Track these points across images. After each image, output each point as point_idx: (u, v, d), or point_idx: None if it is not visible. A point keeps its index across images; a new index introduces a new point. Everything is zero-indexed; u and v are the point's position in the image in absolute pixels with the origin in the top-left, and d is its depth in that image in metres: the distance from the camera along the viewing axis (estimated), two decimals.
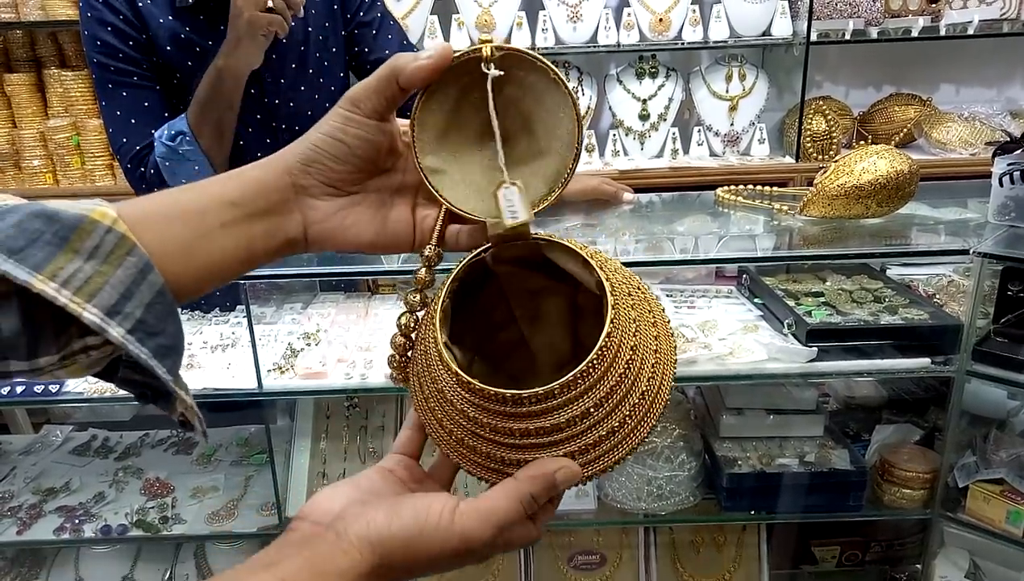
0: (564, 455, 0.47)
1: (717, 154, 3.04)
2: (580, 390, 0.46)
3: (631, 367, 0.48)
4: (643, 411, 0.49)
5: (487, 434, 0.48)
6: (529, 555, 1.62)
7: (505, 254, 0.54)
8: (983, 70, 3.11)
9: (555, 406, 0.46)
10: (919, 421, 1.62)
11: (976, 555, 1.51)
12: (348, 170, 0.53)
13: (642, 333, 0.50)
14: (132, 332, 0.42)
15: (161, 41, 1.42)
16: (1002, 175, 1.36)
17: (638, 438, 0.49)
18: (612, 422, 0.47)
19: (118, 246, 0.43)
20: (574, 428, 0.47)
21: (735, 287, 1.71)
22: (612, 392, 0.47)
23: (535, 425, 0.47)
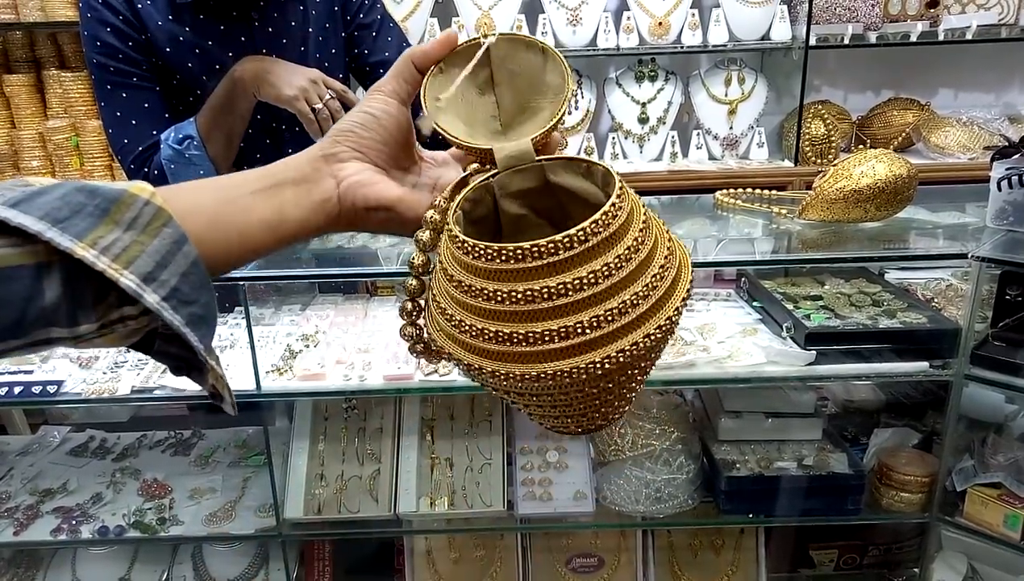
0: (571, 327, 0.46)
1: (716, 157, 3.05)
2: (586, 247, 0.45)
3: (642, 242, 0.48)
4: (655, 297, 0.48)
5: (494, 304, 0.47)
6: (527, 557, 1.62)
7: (512, 186, 0.56)
8: (981, 75, 3.12)
9: (561, 262, 0.45)
10: (917, 425, 1.62)
11: (974, 559, 1.51)
12: (374, 140, 0.57)
13: (653, 224, 0.51)
14: (167, 299, 0.44)
15: (160, 42, 1.42)
16: (1000, 179, 1.36)
17: (649, 328, 0.47)
18: (620, 298, 0.46)
19: (155, 218, 0.45)
20: (579, 293, 0.46)
21: (734, 290, 1.71)
22: (619, 262, 0.46)
23: (540, 284, 0.45)
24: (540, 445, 1.57)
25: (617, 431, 1.51)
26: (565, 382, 0.47)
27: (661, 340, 0.49)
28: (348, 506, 1.51)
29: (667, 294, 0.49)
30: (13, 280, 0.41)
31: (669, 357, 1.37)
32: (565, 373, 0.47)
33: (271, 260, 1.33)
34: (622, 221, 0.47)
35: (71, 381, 1.41)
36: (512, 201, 0.56)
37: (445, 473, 1.53)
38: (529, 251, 0.45)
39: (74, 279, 0.43)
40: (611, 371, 0.47)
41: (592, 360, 0.46)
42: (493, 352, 0.48)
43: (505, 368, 0.48)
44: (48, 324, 0.43)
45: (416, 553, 1.62)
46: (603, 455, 1.53)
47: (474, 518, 1.53)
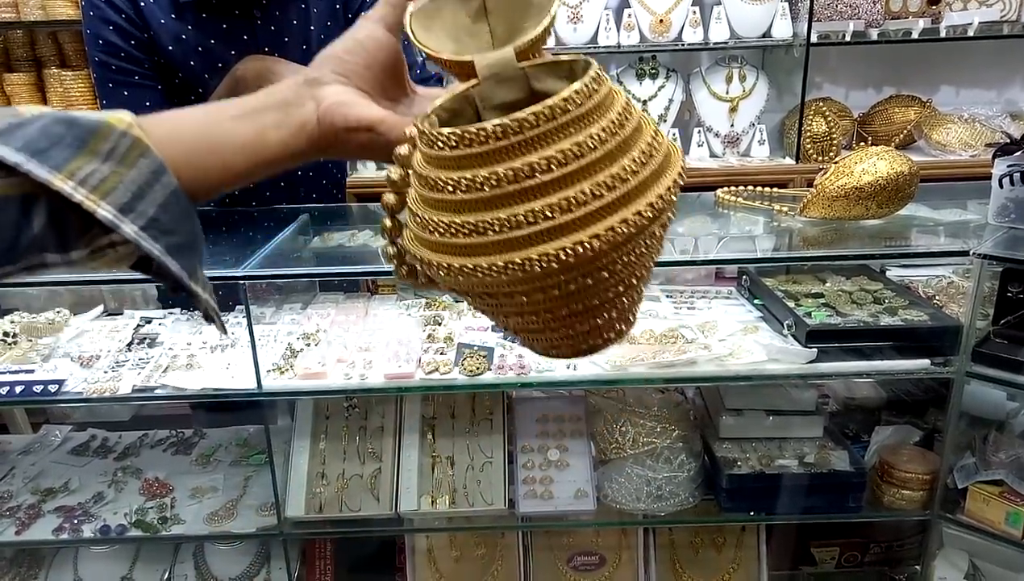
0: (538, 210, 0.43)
1: (717, 155, 3.04)
2: (554, 125, 0.43)
3: (620, 126, 0.46)
4: (635, 181, 0.45)
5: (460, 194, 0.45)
6: (528, 556, 1.62)
7: (495, 98, 0.53)
8: (983, 72, 3.11)
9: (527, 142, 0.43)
10: (918, 422, 1.62)
11: (975, 556, 1.51)
12: (359, 64, 0.56)
13: (639, 116, 0.49)
14: (145, 229, 0.45)
15: (163, 40, 1.42)
16: (1002, 177, 1.36)
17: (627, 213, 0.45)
18: (594, 180, 0.44)
19: (132, 148, 0.46)
20: (548, 174, 0.43)
21: (735, 288, 1.71)
22: (593, 142, 0.44)
23: (505, 166, 0.43)
24: (541, 443, 1.57)
25: (618, 429, 1.51)
26: (536, 273, 0.44)
27: (643, 229, 0.46)
28: (349, 505, 1.51)
29: (650, 180, 0.46)
30: (2, 211, 0.42)
31: (670, 355, 1.37)
32: (534, 261, 0.44)
33: (272, 259, 1.33)
34: (596, 102, 0.45)
35: (72, 380, 1.41)
36: (496, 114, 0.53)
37: (446, 471, 1.53)
38: (492, 131, 0.43)
39: (58, 209, 0.43)
40: (586, 260, 0.44)
41: (563, 245, 0.44)
42: (462, 246, 0.46)
43: (474, 262, 0.45)
44: (41, 250, 0.45)
45: (417, 551, 1.62)
46: (604, 453, 1.53)
47: (475, 516, 1.53)
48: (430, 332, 1.52)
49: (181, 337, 1.56)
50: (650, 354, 1.38)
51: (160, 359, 1.47)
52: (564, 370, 1.39)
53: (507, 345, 1.46)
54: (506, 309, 0.50)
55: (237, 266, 1.27)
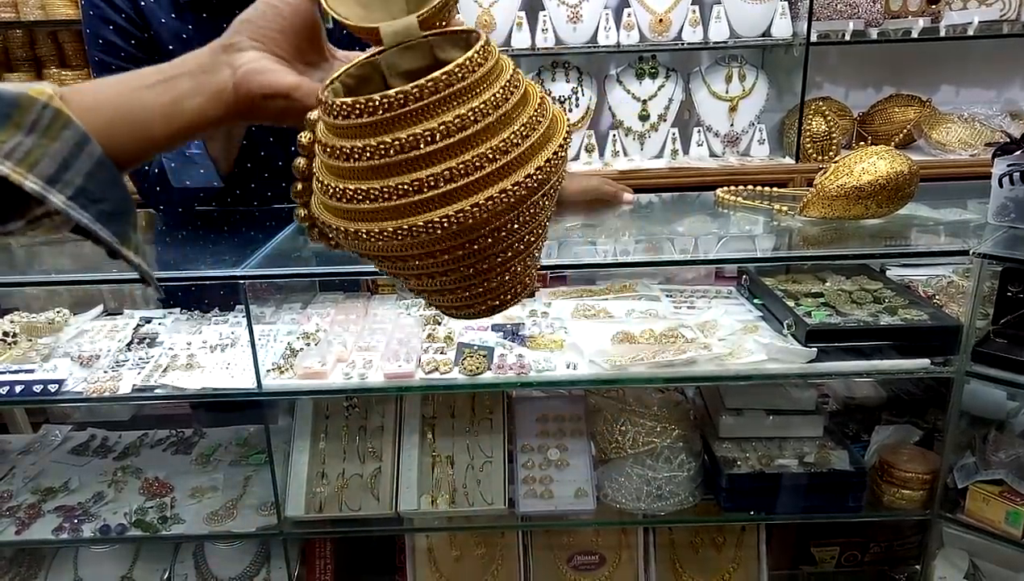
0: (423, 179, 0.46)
1: (717, 154, 3.04)
2: (439, 98, 0.45)
3: (504, 99, 0.48)
4: (516, 153, 0.47)
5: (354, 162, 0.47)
6: (528, 555, 1.62)
7: (401, 65, 0.55)
8: (983, 71, 3.11)
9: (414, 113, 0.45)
10: (918, 422, 1.62)
11: (975, 556, 1.51)
12: (274, 29, 0.58)
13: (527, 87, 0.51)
14: (73, 199, 0.46)
15: (163, 40, 1.42)
16: (1002, 176, 1.36)
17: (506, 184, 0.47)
18: (476, 151, 0.46)
19: (55, 120, 0.47)
20: (433, 145, 0.45)
21: (735, 288, 1.71)
22: (475, 115, 0.46)
23: (392, 136, 0.45)
24: (541, 443, 1.57)
25: (618, 429, 1.51)
26: (422, 238, 0.47)
27: (523, 199, 0.48)
28: (349, 504, 1.51)
29: (533, 150, 0.49)
30: None
31: (670, 354, 1.37)
32: (420, 227, 0.46)
33: (272, 259, 1.33)
34: (480, 75, 0.47)
35: (72, 380, 1.41)
36: (403, 81, 0.54)
37: (446, 471, 1.53)
38: (380, 102, 0.45)
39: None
40: (468, 227, 0.47)
41: (445, 214, 0.46)
42: (357, 212, 0.48)
43: (367, 227, 0.48)
44: None
45: (417, 551, 1.62)
46: (604, 453, 1.53)
47: (475, 516, 1.53)
48: (430, 331, 1.52)
49: (181, 337, 1.56)
50: (650, 354, 1.38)
51: (160, 359, 1.47)
52: (564, 370, 1.39)
53: (507, 344, 1.46)
54: (405, 272, 0.53)
55: (237, 266, 1.27)
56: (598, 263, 1.50)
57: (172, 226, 1.56)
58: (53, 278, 1.35)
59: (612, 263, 1.50)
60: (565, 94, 2.96)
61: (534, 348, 1.45)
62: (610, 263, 1.50)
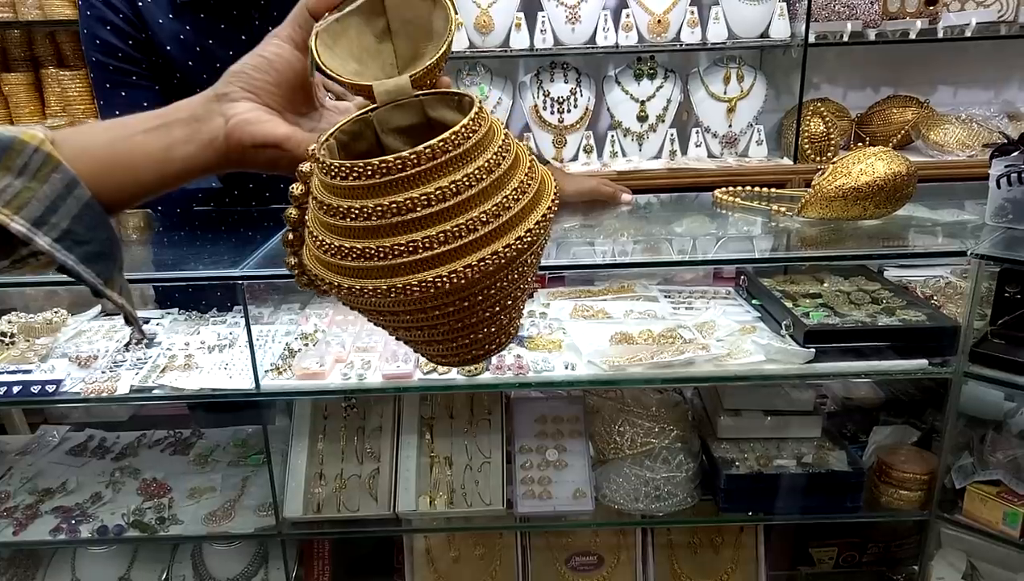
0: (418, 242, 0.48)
1: (715, 155, 3.04)
2: (435, 164, 0.47)
3: (496, 164, 0.49)
4: (506, 217, 0.49)
5: (350, 221, 0.48)
6: (527, 556, 1.62)
7: (392, 122, 0.57)
8: (981, 72, 3.11)
9: (411, 177, 0.47)
10: (916, 422, 1.62)
11: (973, 556, 1.52)
12: (267, 81, 0.59)
13: (517, 150, 0.53)
14: (59, 241, 0.48)
15: (161, 41, 1.42)
16: (999, 177, 1.36)
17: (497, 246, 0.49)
18: (469, 215, 0.48)
19: (45, 164, 0.48)
20: (428, 208, 0.47)
21: (733, 288, 1.71)
22: (469, 180, 0.48)
23: (390, 199, 0.47)
24: (539, 444, 1.57)
25: (616, 429, 1.51)
26: (415, 296, 0.48)
27: (513, 260, 0.50)
28: (347, 505, 1.51)
29: (523, 213, 0.50)
30: None
31: (668, 355, 1.37)
32: (413, 286, 0.48)
33: (270, 259, 1.33)
34: (474, 142, 0.49)
35: (70, 380, 1.41)
36: (394, 137, 0.57)
37: (444, 472, 1.53)
38: (378, 167, 0.47)
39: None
40: (460, 287, 0.49)
41: (439, 274, 0.48)
42: (351, 269, 0.50)
43: (360, 283, 0.49)
44: None
45: (415, 552, 1.62)
46: (602, 453, 1.53)
47: (473, 517, 1.53)
48: None
49: (179, 337, 1.56)
50: (648, 354, 1.38)
51: (158, 359, 1.47)
52: (563, 370, 1.39)
53: None
54: (394, 324, 0.55)
55: (235, 266, 1.27)
56: (596, 264, 1.50)
57: (170, 226, 1.56)
58: (51, 278, 1.35)
59: (610, 264, 1.50)
60: (564, 95, 2.96)
61: (532, 349, 1.45)
62: (608, 264, 1.50)
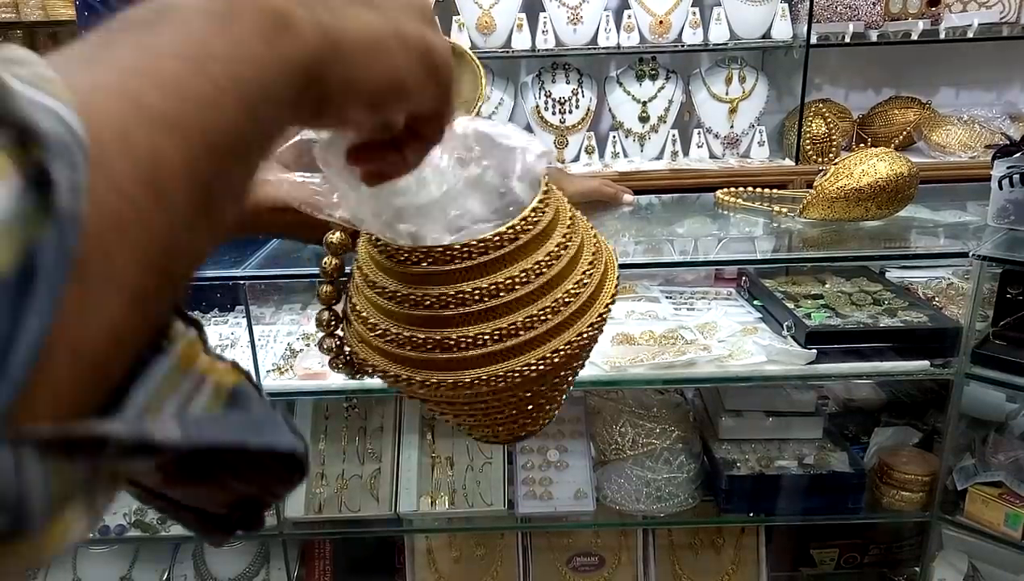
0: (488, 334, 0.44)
1: (717, 156, 3.04)
2: (506, 251, 0.44)
3: (565, 247, 0.47)
4: (577, 303, 0.46)
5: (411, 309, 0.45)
6: (528, 557, 1.62)
7: None
8: (983, 73, 3.11)
9: (480, 265, 0.43)
10: (918, 424, 1.62)
11: (975, 558, 1.51)
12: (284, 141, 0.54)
13: (580, 224, 0.50)
14: None
15: None
16: (1001, 178, 1.36)
17: (570, 336, 0.46)
18: (540, 304, 0.45)
19: None
20: (496, 299, 0.44)
21: (734, 289, 1.71)
22: (540, 267, 0.45)
23: (456, 288, 0.44)
24: (541, 444, 1.57)
25: (617, 430, 1.51)
26: (483, 390, 0.46)
27: (585, 346, 0.47)
28: (349, 505, 1.51)
29: (591, 299, 0.48)
30: None
31: (669, 356, 1.37)
32: (483, 381, 0.45)
33: (272, 259, 1.33)
34: (544, 226, 0.46)
35: None
36: None
37: (446, 472, 1.53)
38: (442, 254, 0.44)
39: None
40: (531, 381, 0.46)
41: (511, 368, 0.45)
42: (411, 359, 0.46)
43: (423, 376, 0.46)
44: None
45: (417, 552, 1.62)
46: (604, 454, 1.53)
47: (475, 517, 1.53)
48: None
49: None
50: (649, 355, 1.38)
51: None
52: None
53: None
54: (455, 410, 0.52)
55: (237, 266, 1.27)
56: None
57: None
58: None
59: None
60: (565, 95, 2.96)
61: None
62: None
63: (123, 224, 0.23)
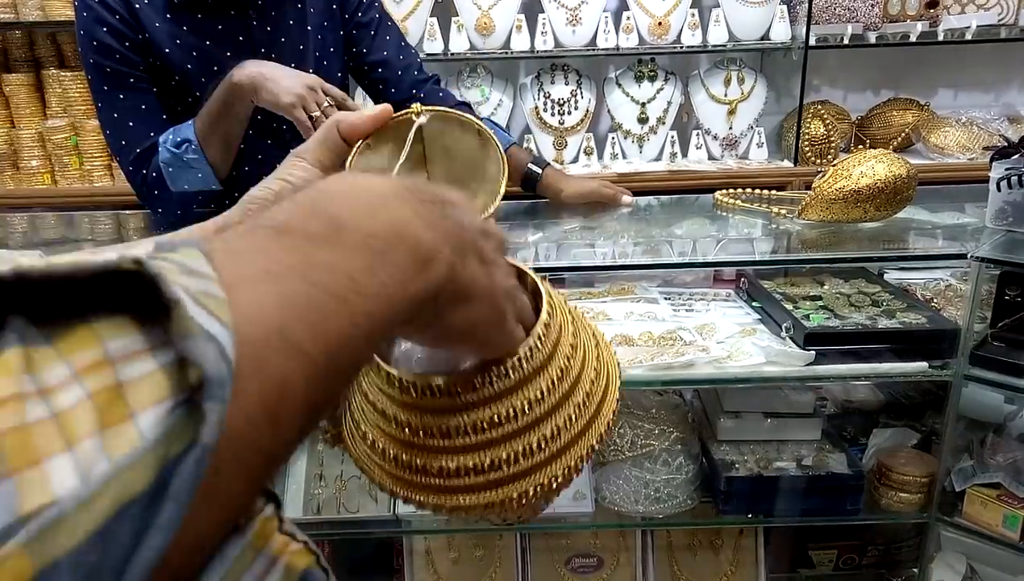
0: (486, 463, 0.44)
1: (715, 157, 3.05)
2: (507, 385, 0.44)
3: (566, 372, 0.47)
4: (579, 427, 0.47)
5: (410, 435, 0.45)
6: (526, 558, 1.62)
7: None
8: (981, 75, 3.12)
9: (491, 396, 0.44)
10: (916, 425, 1.62)
11: (973, 559, 1.51)
12: None
13: (581, 335, 0.50)
14: None
15: (159, 42, 1.42)
16: (1000, 180, 1.36)
17: (570, 460, 0.46)
18: (540, 432, 0.45)
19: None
20: (496, 430, 0.44)
21: (733, 290, 1.71)
22: (540, 395, 0.45)
23: (455, 421, 0.44)
24: None
25: (616, 431, 1.51)
26: (475, 514, 0.46)
27: (580, 468, 0.47)
28: (347, 506, 1.51)
29: (591, 420, 0.48)
30: None
31: (668, 357, 1.37)
32: (478, 508, 0.45)
33: None
34: (544, 356, 0.45)
35: None
36: None
37: None
38: (443, 387, 0.43)
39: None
40: (528, 506, 0.46)
41: (508, 496, 0.45)
42: (406, 480, 0.47)
43: (418, 496, 0.46)
44: None
45: (415, 553, 1.62)
46: (602, 455, 1.53)
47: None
48: None
49: None
50: (648, 356, 1.38)
51: None
52: None
53: None
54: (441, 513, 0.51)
55: None
56: (597, 265, 1.50)
57: (169, 229, 1.56)
58: None
59: (611, 265, 1.50)
60: (564, 97, 2.96)
61: None
62: (609, 265, 1.50)
63: (240, 446, 0.23)
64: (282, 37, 1.48)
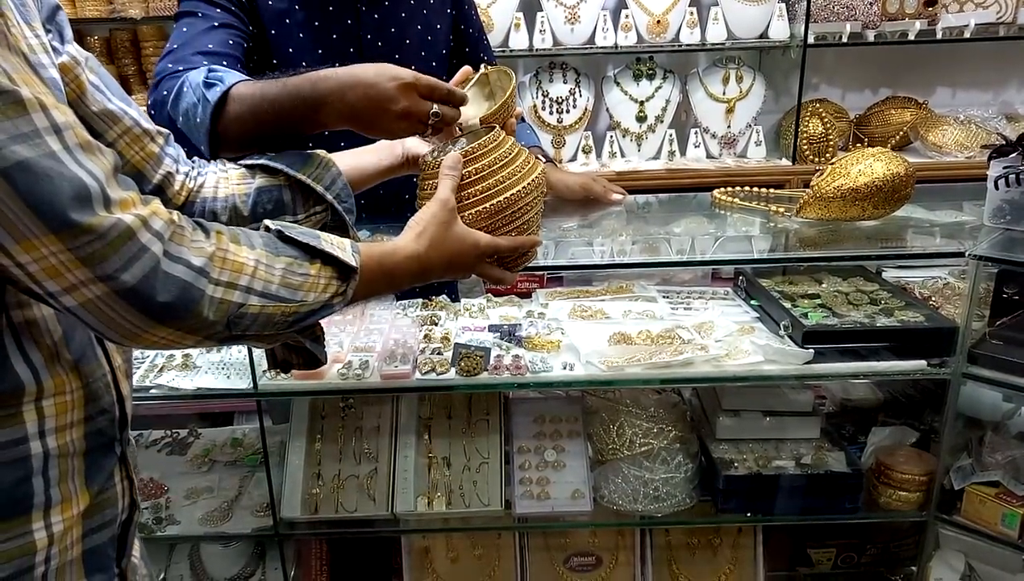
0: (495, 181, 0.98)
1: (714, 156, 3.04)
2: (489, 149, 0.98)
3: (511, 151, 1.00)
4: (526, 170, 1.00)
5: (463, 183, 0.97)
6: (525, 556, 1.62)
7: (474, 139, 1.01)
8: (979, 73, 3.12)
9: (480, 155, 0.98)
10: (915, 423, 1.62)
11: (971, 557, 1.52)
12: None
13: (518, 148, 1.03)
14: (336, 198, 0.99)
15: (266, 14, 1.40)
16: (997, 178, 1.36)
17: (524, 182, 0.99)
18: (505, 171, 0.98)
19: (328, 164, 1.01)
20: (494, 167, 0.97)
21: (731, 289, 1.71)
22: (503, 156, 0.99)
23: (476, 165, 0.97)
24: (538, 444, 1.56)
25: (615, 430, 1.51)
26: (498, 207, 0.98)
27: (532, 190, 1.01)
28: (345, 505, 1.50)
29: (527, 173, 1.01)
30: (275, 190, 0.96)
31: (667, 355, 1.37)
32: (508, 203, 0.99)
33: None
34: (495, 145, 0.99)
35: None
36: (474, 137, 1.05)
37: (442, 472, 1.53)
38: (464, 153, 0.99)
39: (295, 192, 0.97)
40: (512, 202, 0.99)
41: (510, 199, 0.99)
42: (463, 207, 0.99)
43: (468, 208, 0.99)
44: (283, 215, 0.95)
45: (414, 552, 1.62)
46: (601, 454, 1.53)
47: (472, 517, 1.53)
48: (427, 332, 1.52)
49: None
50: (647, 355, 1.38)
51: (156, 359, 1.47)
52: (561, 371, 1.39)
53: (504, 345, 1.46)
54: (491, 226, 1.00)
55: None
56: (595, 264, 1.50)
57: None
58: None
59: (609, 264, 1.50)
60: (563, 95, 2.96)
61: (531, 349, 1.45)
62: (607, 264, 1.50)
63: (359, 291, 0.83)
64: (392, 28, 1.49)
